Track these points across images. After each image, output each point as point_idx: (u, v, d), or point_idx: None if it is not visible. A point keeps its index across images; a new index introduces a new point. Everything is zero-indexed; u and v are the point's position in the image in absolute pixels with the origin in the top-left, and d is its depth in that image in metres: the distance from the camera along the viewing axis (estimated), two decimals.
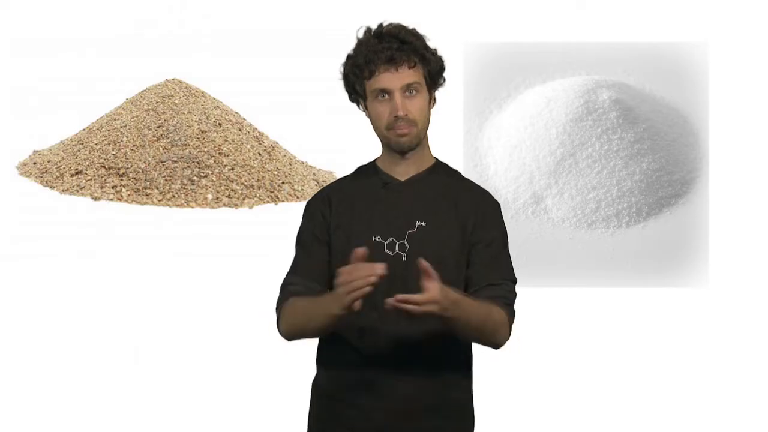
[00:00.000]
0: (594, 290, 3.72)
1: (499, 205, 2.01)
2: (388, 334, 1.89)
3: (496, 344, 1.92)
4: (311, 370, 2.05)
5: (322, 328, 1.86)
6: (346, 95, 2.01)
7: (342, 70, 1.96)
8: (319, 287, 1.95)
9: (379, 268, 1.67)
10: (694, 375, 3.53)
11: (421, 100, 1.91)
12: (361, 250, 1.71)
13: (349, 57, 1.94)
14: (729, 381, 3.52)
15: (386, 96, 1.90)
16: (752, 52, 4.39)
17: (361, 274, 1.68)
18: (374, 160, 2.03)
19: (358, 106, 2.00)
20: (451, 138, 3.99)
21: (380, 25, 1.93)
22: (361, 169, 2.04)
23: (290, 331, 1.94)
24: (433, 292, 1.68)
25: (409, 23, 1.95)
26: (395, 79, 1.88)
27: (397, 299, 1.68)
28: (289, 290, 1.96)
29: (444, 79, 1.97)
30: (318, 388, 2.03)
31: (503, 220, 2.01)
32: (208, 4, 5.68)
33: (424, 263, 1.70)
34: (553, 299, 3.59)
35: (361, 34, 1.94)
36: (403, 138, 1.91)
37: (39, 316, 3.63)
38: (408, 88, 1.89)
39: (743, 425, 3.31)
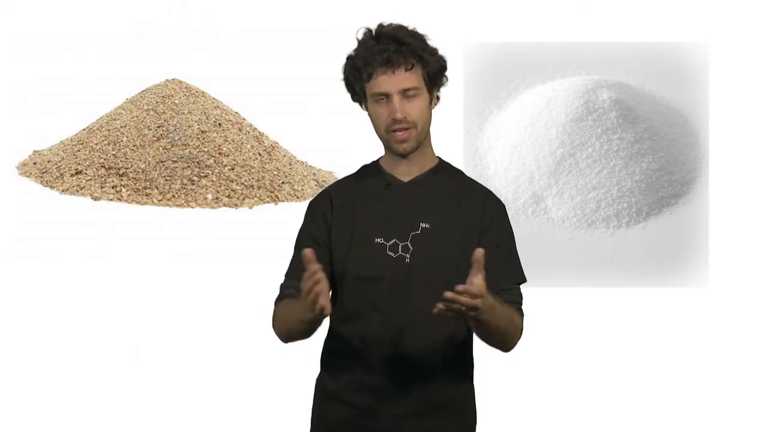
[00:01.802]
0: (594, 290, 3.72)
1: (503, 206, 2.01)
2: (390, 337, 1.89)
3: (509, 348, 1.93)
4: (313, 369, 2.05)
5: (304, 331, 1.87)
6: (346, 95, 1.99)
7: (343, 71, 1.94)
8: None
9: (313, 267, 1.66)
10: (694, 375, 3.53)
11: (420, 102, 1.89)
12: (308, 252, 1.69)
13: (348, 58, 1.92)
14: (729, 381, 3.52)
15: (385, 99, 1.88)
16: (752, 52, 4.39)
17: (308, 282, 1.67)
18: (377, 160, 2.02)
19: (361, 106, 1.98)
20: (451, 138, 3.99)
21: (380, 26, 1.90)
22: (364, 169, 2.03)
23: (280, 335, 1.96)
24: (481, 287, 1.67)
25: (410, 23, 1.94)
26: (392, 82, 1.86)
27: (457, 291, 1.65)
28: (282, 294, 1.98)
29: (446, 78, 1.95)
30: (321, 388, 2.02)
31: (509, 221, 2.00)
32: (208, 4, 5.69)
33: (479, 255, 1.68)
34: (553, 299, 3.59)
35: (360, 36, 1.92)
36: (402, 144, 1.90)
37: (39, 315, 3.63)
38: (406, 92, 1.87)
39: (743, 425, 3.31)
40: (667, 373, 3.54)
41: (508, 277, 1.96)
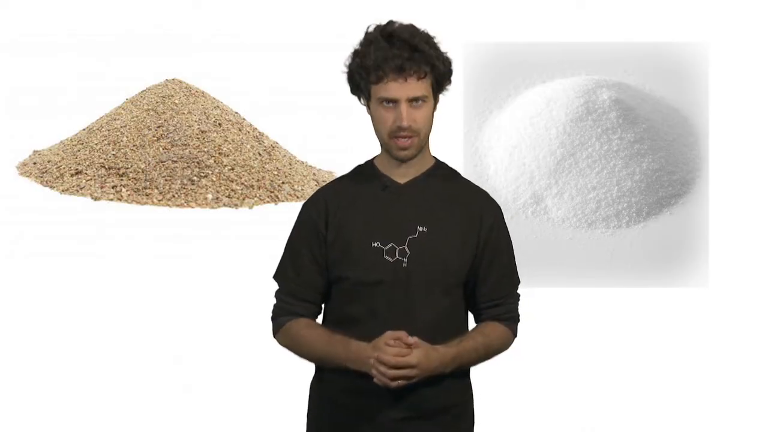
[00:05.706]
0: (594, 290, 3.72)
1: (500, 208, 2.00)
2: None
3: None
4: (309, 372, 2.04)
5: (335, 366, 1.91)
6: (346, 95, 1.97)
7: (347, 64, 1.89)
8: (314, 307, 1.98)
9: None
10: (694, 375, 3.53)
11: (426, 110, 1.86)
12: (412, 340, 1.81)
13: (356, 54, 1.87)
14: (729, 380, 3.52)
15: (391, 104, 1.84)
16: (752, 52, 4.39)
17: (396, 373, 1.80)
18: (372, 160, 1.98)
19: (360, 100, 1.93)
20: (451, 138, 3.99)
21: (391, 25, 1.86)
22: (358, 170, 1.99)
23: (290, 350, 1.98)
24: (419, 360, 1.81)
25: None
26: (402, 89, 1.82)
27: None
28: (288, 309, 1.97)
29: (450, 83, 1.92)
30: (318, 391, 2.01)
31: (505, 224, 1.99)
32: (208, 5, 5.69)
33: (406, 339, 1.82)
34: (552, 299, 3.59)
35: (370, 31, 1.86)
36: (404, 151, 1.87)
37: (39, 315, 3.63)
38: (415, 100, 1.84)
39: (743, 425, 3.31)
40: (667, 372, 3.54)
41: (506, 286, 1.98)
